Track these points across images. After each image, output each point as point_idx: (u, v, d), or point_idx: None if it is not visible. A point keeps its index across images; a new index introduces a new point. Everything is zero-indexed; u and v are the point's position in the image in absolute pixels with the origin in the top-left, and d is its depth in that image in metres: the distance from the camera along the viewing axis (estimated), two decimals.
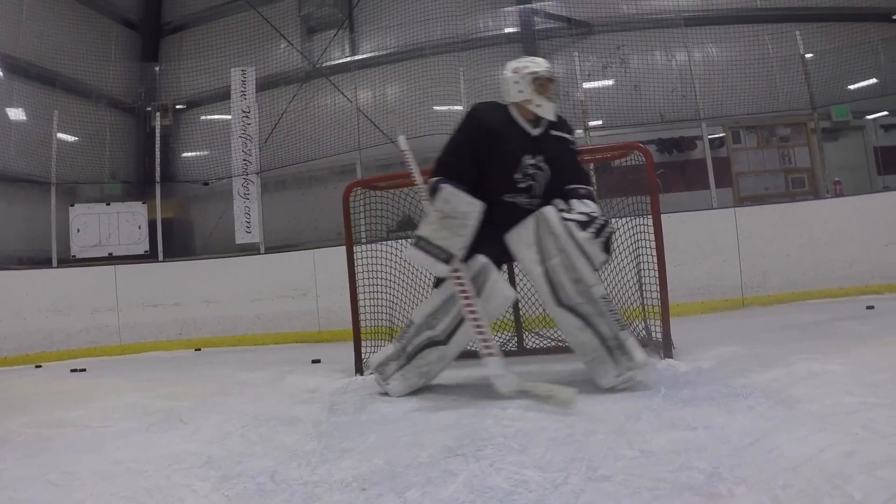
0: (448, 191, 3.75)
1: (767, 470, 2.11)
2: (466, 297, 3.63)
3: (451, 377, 4.44)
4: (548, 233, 3.67)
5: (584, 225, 3.64)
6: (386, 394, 3.98)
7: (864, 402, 2.77)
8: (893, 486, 1.90)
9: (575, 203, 3.83)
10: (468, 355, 4.88)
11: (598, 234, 3.64)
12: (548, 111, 3.90)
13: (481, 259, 3.77)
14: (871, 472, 2.00)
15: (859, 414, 2.59)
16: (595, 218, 3.70)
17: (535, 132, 3.93)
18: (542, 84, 3.89)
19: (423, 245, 3.73)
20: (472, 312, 3.60)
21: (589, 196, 3.91)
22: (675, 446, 2.43)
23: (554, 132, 3.98)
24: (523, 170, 3.86)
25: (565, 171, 3.96)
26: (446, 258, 3.68)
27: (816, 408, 2.77)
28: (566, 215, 3.71)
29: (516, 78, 3.91)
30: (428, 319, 3.90)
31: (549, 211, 3.72)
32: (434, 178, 3.91)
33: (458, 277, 3.68)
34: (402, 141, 4.30)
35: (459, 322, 3.79)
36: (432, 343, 3.89)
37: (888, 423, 2.44)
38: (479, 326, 3.57)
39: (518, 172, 3.86)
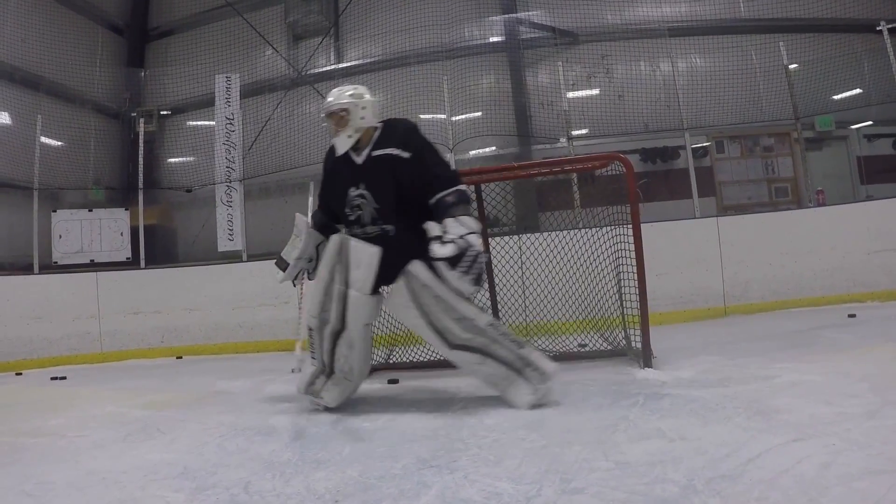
0: (297, 217, 4.34)
1: (743, 482, 2.10)
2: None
3: (429, 386, 4.43)
4: (420, 286, 3.63)
5: (453, 262, 3.42)
6: (326, 407, 3.89)
7: (843, 413, 2.78)
8: (870, 498, 1.91)
9: (449, 224, 3.51)
10: (441, 365, 4.88)
11: (468, 270, 3.43)
12: (340, 145, 3.89)
13: (335, 237, 3.85)
14: (848, 483, 2.00)
15: (837, 424, 2.59)
16: (466, 249, 3.43)
17: (360, 159, 3.86)
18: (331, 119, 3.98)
19: (279, 263, 4.39)
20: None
21: (462, 200, 3.63)
22: (651, 458, 2.43)
23: (376, 152, 3.81)
24: (350, 202, 3.84)
25: (403, 186, 3.72)
26: (283, 266, 4.34)
27: (795, 418, 2.77)
28: (436, 251, 3.46)
29: None
30: (321, 316, 3.82)
31: (415, 266, 3.63)
32: None
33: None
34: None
35: (344, 300, 3.74)
36: (336, 335, 3.80)
37: (867, 433, 2.44)
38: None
39: (347, 206, 3.86)
